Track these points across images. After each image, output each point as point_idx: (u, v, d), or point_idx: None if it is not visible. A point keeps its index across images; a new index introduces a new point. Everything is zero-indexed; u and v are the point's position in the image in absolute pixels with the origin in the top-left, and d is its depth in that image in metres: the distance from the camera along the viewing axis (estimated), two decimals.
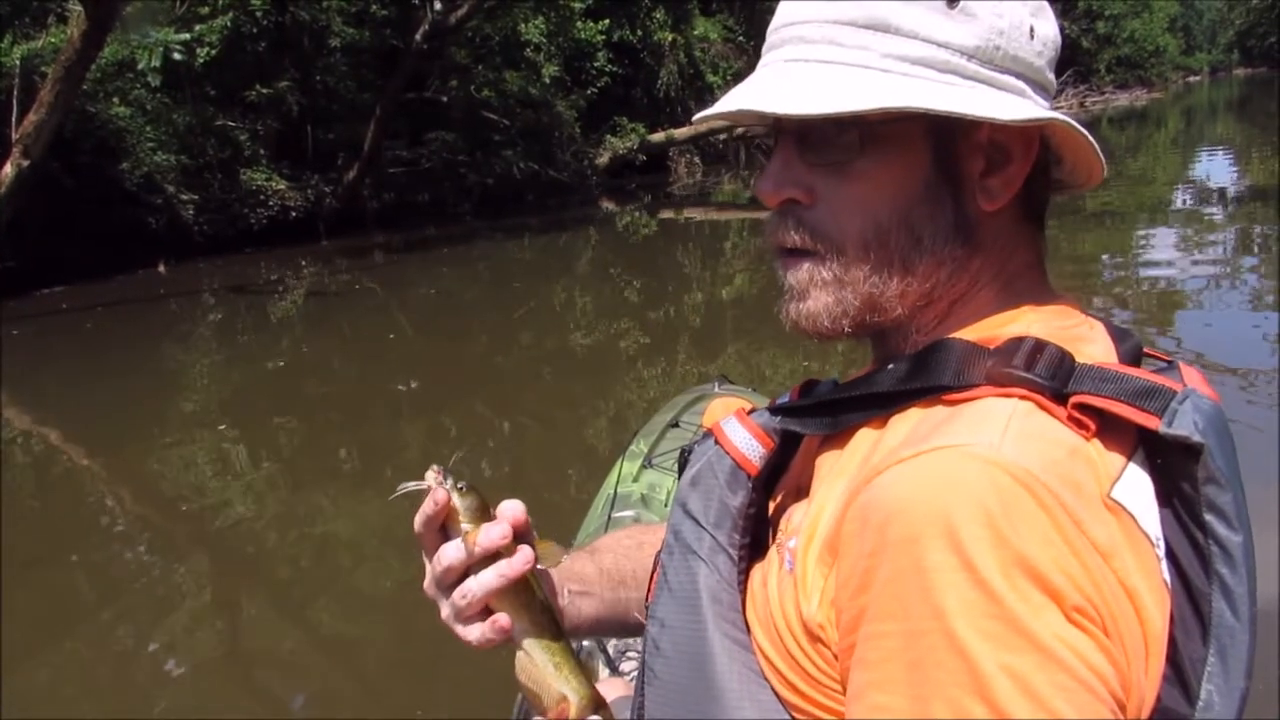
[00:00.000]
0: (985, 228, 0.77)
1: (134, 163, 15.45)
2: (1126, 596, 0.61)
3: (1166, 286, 7.49)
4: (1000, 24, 0.73)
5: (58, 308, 12.29)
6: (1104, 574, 0.60)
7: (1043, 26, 0.76)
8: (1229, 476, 0.65)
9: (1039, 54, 0.76)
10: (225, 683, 3.25)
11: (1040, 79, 0.76)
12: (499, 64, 20.89)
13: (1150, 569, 0.63)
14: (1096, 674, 0.58)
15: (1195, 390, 0.67)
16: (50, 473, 5.90)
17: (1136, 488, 0.65)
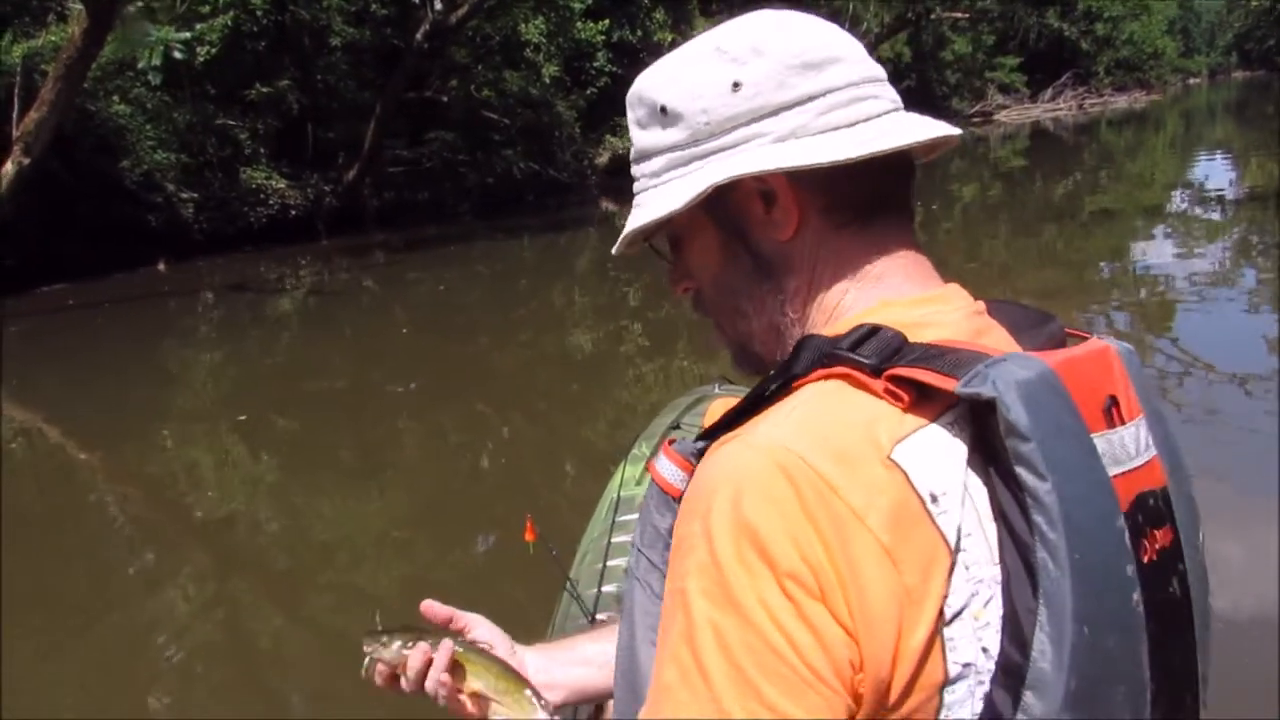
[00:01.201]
0: (793, 253, 0.83)
1: (134, 161, 15.46)
2: (883, 553, 0.65)
3: (1165, 289, 7.51)
4: (700, 104, 0.82)
5: (60, 305, 12.29)
6: (851, 536, 0.65)
7: (754, 70, 0.81)
8: (1035, 428, 0.66)
9: (754, 95, 0.81)
10: (221, 676, 3.26)
11: (766, 107, 0.81)
12: (499, 64, 20.90)
13: (910, 524, 0.66)
14: (788, 639, 0.64)
15: (1022, 356, 0.71)
16: (49, 468, 5.92)
17: (922, 447, 0.68)
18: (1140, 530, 0.71)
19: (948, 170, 22.36)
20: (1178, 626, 0.74)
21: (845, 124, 0.81)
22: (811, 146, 0.79)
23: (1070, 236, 10.88)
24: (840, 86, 0.81)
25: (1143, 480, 0.74)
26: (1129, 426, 0.74)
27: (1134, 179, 16.53)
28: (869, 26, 25.77)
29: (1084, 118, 38.31)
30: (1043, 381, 0.69)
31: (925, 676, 0.66)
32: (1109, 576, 0.68)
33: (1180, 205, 12.70)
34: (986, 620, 0.67)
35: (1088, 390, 0.72)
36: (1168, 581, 0.74)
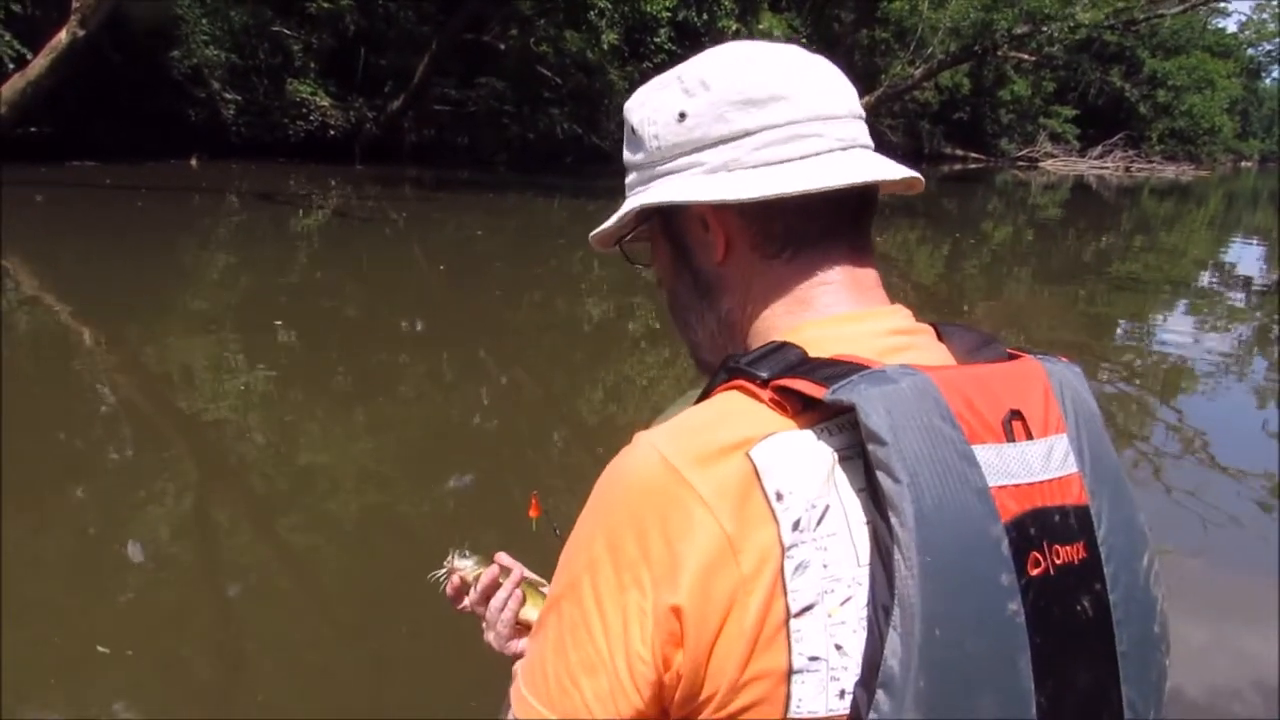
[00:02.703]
0: (726, 275, 0.89)
1: (185, 52, 15.47)
2: (726, 543, 0.71)
3: (1176, 364, 7.51)
4: (653, 130, 0.89)
5: (93, 181, 12.30)
6: (698, 526, 0.71)
7: (698, 102, 0.86)
8: (890, 433, 0.70)
9: (695, 127, 0.87)
10: (182, 578, 3.29)
11: (705, 139, 0.86)
12: (561, 21, 20.82)
13: (755, 519, 0.71)
14: (602, 618, 0.73)
15: (901, 369, 0.74)
16: (49, 343, 5.95)
17: (779, 449, 0.73)
18: (1031, 542, 0.72)
19: (984, 208, 22.28)
20: (1085, 645, 0.75)
21: (778, 160, 0.84)
22: (732, 181, 0.84)
23: (1093, 295, 10.86)
24: (779, 124, 0.85)
25: (1047, 495, 0.75)
26: (1036, 443, 0.75)
27: (1167, 250, 16.48)
28: (934, 51, 25.59)
29: (1129, 181, 38.12)
30: (911, 391, 0.72)
31: (764, 662, 0.70)
32: (972, 582, 0.70)
33: (1207, 284, 12.67)
34: (843, 619, 0.70)
35: (982, 403, 0.74)
36: (1071, 598, 0.74)
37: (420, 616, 2.91)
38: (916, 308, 0.95)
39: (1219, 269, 14.50)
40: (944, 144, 40.98)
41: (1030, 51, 30.88)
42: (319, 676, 2.74)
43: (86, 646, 2.74)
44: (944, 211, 20.49)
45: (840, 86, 0.89)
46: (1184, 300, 11.05)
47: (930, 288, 10.62)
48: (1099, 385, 6.82)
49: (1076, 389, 0.82)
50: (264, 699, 2.60)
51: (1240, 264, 15.21)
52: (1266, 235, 20.87)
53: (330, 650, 2.87)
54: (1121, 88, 47.57)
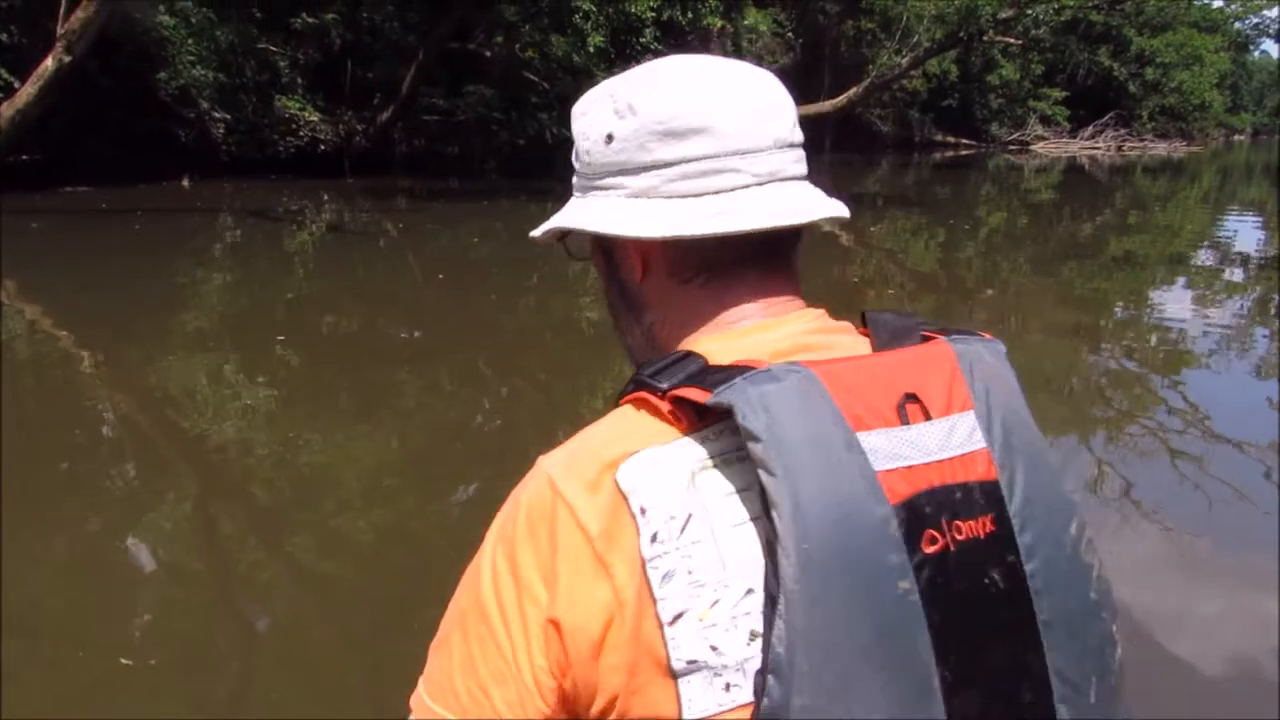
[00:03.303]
0: (646, 293, 0.94)
1: (171, 74, 15.47)
2: (599, 563, 0.75)
3: (1176, 340, 7.50)
4: (586, 145, 0.94)
5: (86, 207, 12.30)
6: (577, 548, 0.76)
7: (625, 126, 0.89)
8: (765, 430, 0.72)
9: (620, 150, 0.90)
10: (192, 597, 3.29)
11: (627, 165, 0.90)
12: (547, 26, 20.83)
13: (622, 536, 0.75)
14: (509, 638, 0.78)
15: (785, 366, 0.77)
16: (49, 369, 5.95)
17: (646, 465, 0.77)
18: (926, 521, 0.74)
19: (977, 195, 22.28)
20: (996, 617, 0.75)
21: (693, 193, 0.87)
22: (649, 209, 0.88)
23: (1090, 275, 10.86)
24: (696, 158, 0.87)
25: (946, 474, 0.76)
26: (934, 423, 0.77)
27: (1162, 228, 16.48)
28: (920, 40, 25.61)
29: (1121, 160, 38.12)
30: (794, 386, 0.75)
31: (648, 670, 0.74)
32: (855, 565, 0.71)
33: (1204, 260, 12.66)
34: (714, 621, 0.73)
35: (874, 391, 0.77)
36: (978, 571, 0.75)
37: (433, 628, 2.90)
38: (914, 296, 0.96)
39: (1215, 244, 14.49)
40: (934, 131, 40.99)
41: (1016, 35, 30.92)
42: (333, 692, 2.74)
43: (97, 667, 2.74)
44: (937, 199, 20.50)
45: (769, 114, 0.90)
46: (1182, 276, 11.05)
47: (928, 275, 10.62)
48: (1100, 364, 6.82)
49: (991, 365, 0.84)
50: (278, 716, 2.60)
51: (1237, 238, 15.21)
52: (1262, 208, 20.87)
53: (343, 665, 2.87)
54: (1110, 67, 47.55)
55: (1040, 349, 7.31)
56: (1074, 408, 5.81)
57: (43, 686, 2.65)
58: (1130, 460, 4.81)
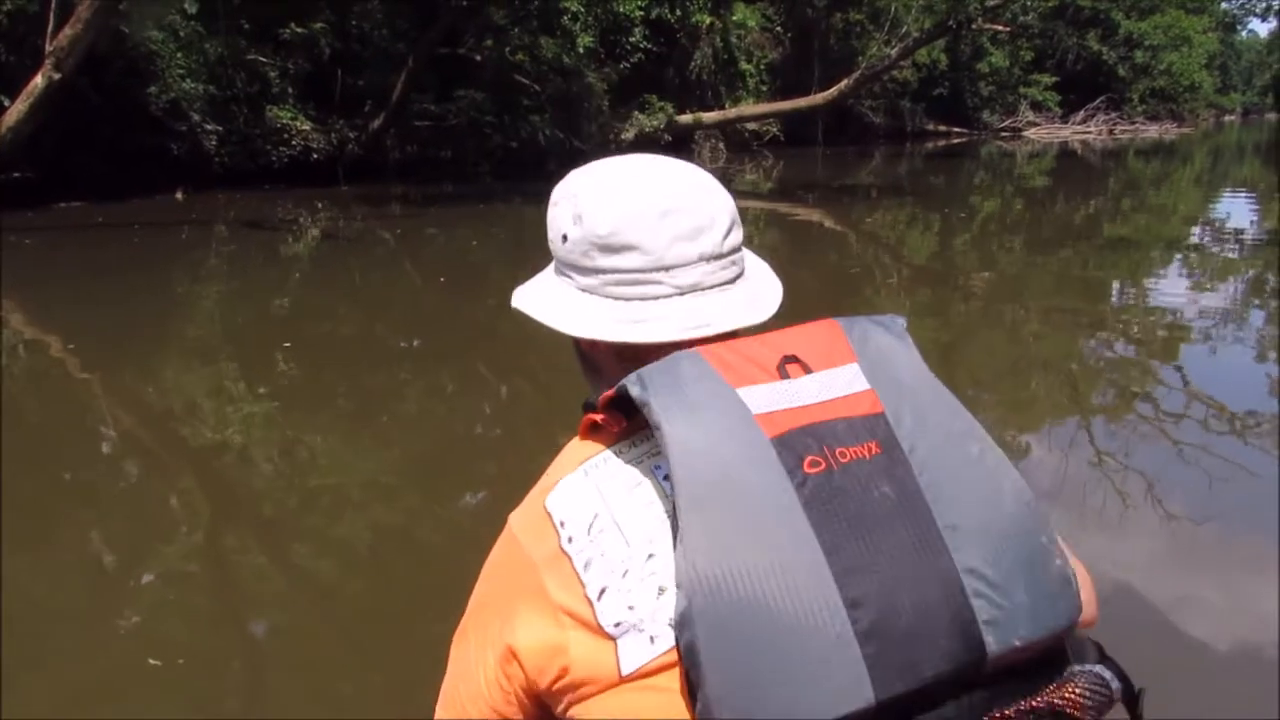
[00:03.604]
0: (599, 362, 1.14)
1: (161, 88, 15.46)
2: (540, 586, 0.92)
3: (1174, 321, 7.52)
4: (552, 234, 1.11)
5: (81, 222, 12.29)
6: (527, 578, 0.94)
7: (574, 233, 1.07)
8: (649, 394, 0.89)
9: (569, 252, 1.08)
10: (193, 599, 3.30)
11: (576, 264, 1.08)
12: (535, 28, 20.83)
13: (555, 554, 0.93)
14: (481, 666, 0.97)
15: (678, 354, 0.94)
16: (48, 384, 5.95)
17: (561, 492, 0.97)
18: (807, 448, 0.86)
19: (971, 182, 22.30)
20: (888, 520, 0.84)
21: (623, 298, 1.05)
22: (588, 305, 1.07)
23: (1085, 259, 10.87)
24: (626, 270, 1.04)
25: (825, 412, 0.89)
26: (814, 375, 0.92)
27: (1156, 210, 16.50)
28: (909, 30, 25.61)
29: (1113, 144, 38.14)
30: (673, 362, 0.93)
31: (597, 646, 0.88)
32: (738, 487, 0.84)
33: (1199, 240, 12.68)
34: (628, 587, 0.88)
35: (755, 356, 0.93)
36: (867, 484, 0.86)
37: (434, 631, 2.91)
38: (910, 285, 0.99)
39: (1210, 224, 14.51)
40: (926, 121, 40.98)
41: (1005, 23, 30.92)
42: (335, 696, 2.75)
43: (97, 674, 2.75)
44: (931, 188, 20.51)
45: (698, 233, 1.04)
46: (1178, 258, 11.07)
47: (924, 265, 10.63)
48: (1098, 349, 6.84)
49: (877, 333, 0.98)
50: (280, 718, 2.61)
51: (1231, 217, 15.22)
52: (1254, 187, 20.89)
53: (347, 670, 2.88)
54: (1099, 51, 47.56)
55: (1038, 334, 7.33)
56: (1073, 389, 5.82)
57: (42, 692, 2.66)
58: (1130, 442, 4.82)
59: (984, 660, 0.82)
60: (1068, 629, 0.88)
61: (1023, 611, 0.84)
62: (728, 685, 0.79)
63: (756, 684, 0.78)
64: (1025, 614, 0.84)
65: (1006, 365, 6.51)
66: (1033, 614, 0.84)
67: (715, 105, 27.27)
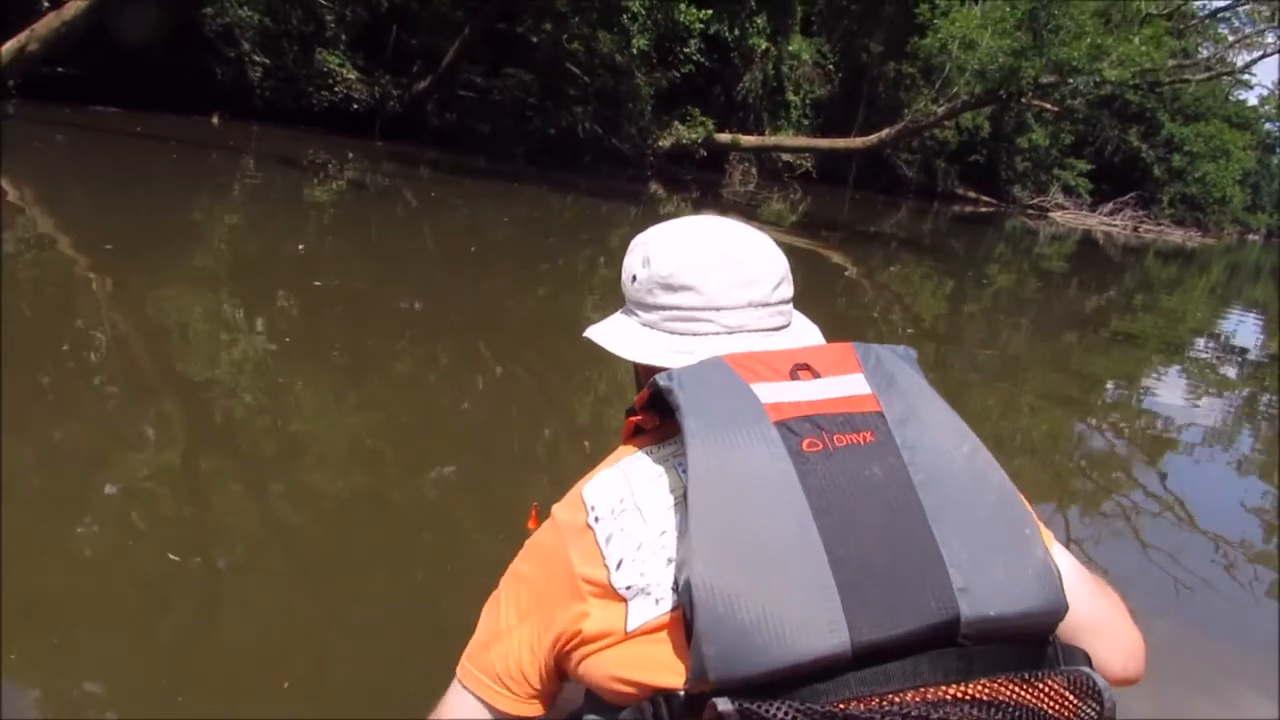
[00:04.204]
0: None
1: (218, 10, 15.48)
2: (569, 563, 1.07)
3: (1163, 427, 7.59)
4: (625, 276, 1.31)
5: (115, 128, 12.29)
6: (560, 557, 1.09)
7: (641, 274, 1.27)
8: (675, 386, 1.05)
9: (636, 291, 1.29)
10: (155, 522, 3.31)
11: (641, 301, 1.28)
12: (595, 21, 20.87)
13: (584, 535, 1.08)
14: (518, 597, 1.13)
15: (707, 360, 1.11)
16: (52, 282, 5.99)
17: (596, 484, 1.12)
18: (807, 431, 0.99)
19: (991, 252, 22.38)
20: (876, 494, 0.96)
21: (676, 332, 1.23)
22: (649, 338, 1.26)
23: (1088, 349, 10.95)
24: (681, 307, 1.22)
25: (827, 406, 1.03)
26: (822, 379, 1.06)
27: (1165, 313, 16.58)
28: (959, 92, 25.72)
29: (1135, 241, 38.26)
30: (703, 366, 1.08)
31: (610, 608, 1.03)
32: (741, 460, 0.97)
33: (1202, 351, 12.77)
34: (641, 558, 1.02)
35: (770, 363, 1.08)
36: (858, 465, 0.98)
37: (394, 588, 2.97)
38: (913, 340, 1.08)
39: (1215, 337, 14.60)
40: (957, 184, 41.10)
41: (1053, 102, 30.99)
42: (287, 641, 2.79)
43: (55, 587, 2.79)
44: (951, 250, 20.59)
45: (750, 282, 1.21)
46: (1177, 364, 11.15)
47: (929, 325, 10.70)
48: (1086, 437, 6.90)
49: (888, 356, 1.12)
50: (235, 666, 2.66)
51: (1237, 335, 15.31)
52: (1265, 309, 21.00)
53: (303, 615, 2.92)
54: (1138, 148, 47.73)
55: (1027, 414, 7.39)
56: (1055, 475, 5.89)
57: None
58: (1102, 536, 4.88)
59: (957, 624, 0.89)
60: (1047, 619, 0.94)
61: (997, 588, 0.91)
62: (719, 628, 0.88)
63: (744, 628, 0.88)
64: (1000, 590, 0.91)
65: (990, 439, 6.56)
66: (1007, 592, 0.92)
67: (755, 130, 27.32)
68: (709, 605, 0.89)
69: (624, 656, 1.00)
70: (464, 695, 1.13)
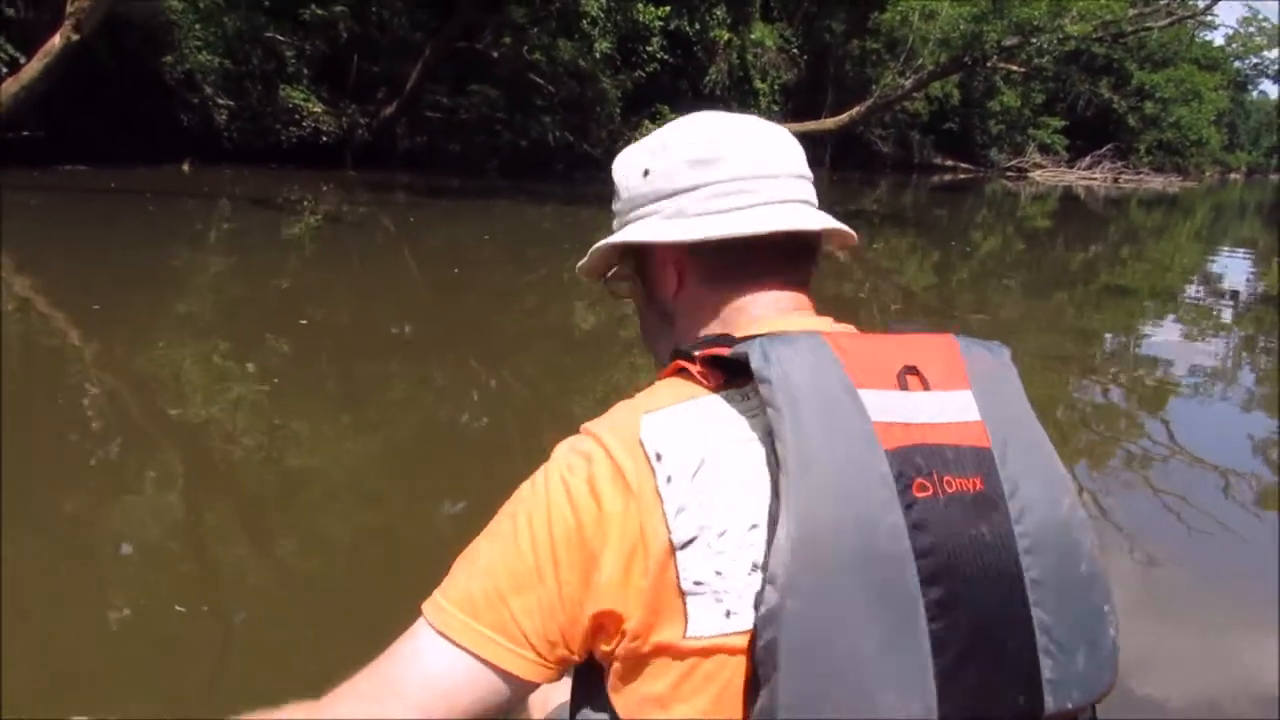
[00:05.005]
0: (679, 304, 1.08)
1: (178, 58, 15.45)
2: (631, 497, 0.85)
3: (1163, 373, 7.57)
4: (627, 182, 1.10)
5: (86, 186, 12.26)
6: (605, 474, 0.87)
7: (659, 162, 1.06)
8: (773, 374, 0.84)
9: (654, 181, 1.06)
10: (171, 579, 3.29)
11: (662, 191, 1.05)
12: (554, 30, 20.87)
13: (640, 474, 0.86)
14: (532, 537, 0.88)
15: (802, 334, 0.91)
16: (39, 345, 5.95)
17: (666, 417, 0.89)
18: (917, 470, 0.84)
19: (973, 218, 22.39)
20: (982, 562, 0.84)
21: (719, 210, 1.02)
22: (681, 225, 1.03)
23: (1080, 305, 10.94)
24: (721, 180, 1.02)
25: (939, 435, 0.87)
26: (932, 393, 0.89)
27: (1153, 261, 16.59)
28: (924, 62, 25.74)
29: (1116, 192, 38.32)
30: (800, 344, 0.88)
31: (662, 591, 0.83)
32: (849, 493, 0.81)
33: (1194, 295, 12.77)
34: (721, 549, 0.83)
35: (875, 359, 0.90)
36: (967, 521, 0.84)
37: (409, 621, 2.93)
38: (905, 314, 1.02)
39: (1206, 280, 14.60)
40: (934, 154, 41.17)
41: (1019, 63, 31.02)
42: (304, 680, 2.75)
43: (70, 648, 2.76)
44: (934, 220, 20.60)
45: (784, 151, 1.06)
46: (1171, 311, 11.14)
47: (920, 296, 10.68)
48: (1087, 392, 6.88)
49: (989, 360, 0.96)
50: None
51: (1227, 275, 15.32)
52: (1253, 246, 21.02)
53: (318, 656, 2.89)
54: (1110, 99, 47.86)
55: (1027, 375, 7.36)
56: (1058, 434, 5.87)
57: (16, 668, 2.67)
58: (1112, 488, 4.86)
59: (1040, 718, 0.85)
60: (1102, 698, 0.91)
61: (1079, 676, 0.87)
62: (801, 691, 0.79)
63: (830, 696, 0.79)
64: (1080, 679, 0.87)
65: None
66: (1086, 680, 0.87)
67: None
68: (801, 644, 0.78)
69: (669, 673, 0.84)
70: (447, 652, 0.89)
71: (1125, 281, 13.48)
